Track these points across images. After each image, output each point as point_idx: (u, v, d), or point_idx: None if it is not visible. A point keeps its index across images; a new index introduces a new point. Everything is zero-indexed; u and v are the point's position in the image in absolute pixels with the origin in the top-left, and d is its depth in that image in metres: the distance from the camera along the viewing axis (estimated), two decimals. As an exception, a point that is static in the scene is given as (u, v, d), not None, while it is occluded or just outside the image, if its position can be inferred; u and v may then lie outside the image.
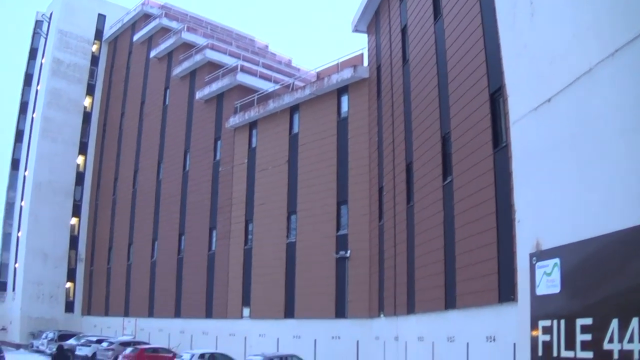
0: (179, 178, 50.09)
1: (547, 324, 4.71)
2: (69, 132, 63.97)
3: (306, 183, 37.00)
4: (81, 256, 64.21)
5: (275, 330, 37.08)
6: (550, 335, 4.62)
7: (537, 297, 4.91)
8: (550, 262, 4.75)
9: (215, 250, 44.69)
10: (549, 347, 4.62)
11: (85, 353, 42.53)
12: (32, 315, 59.44)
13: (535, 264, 4.96)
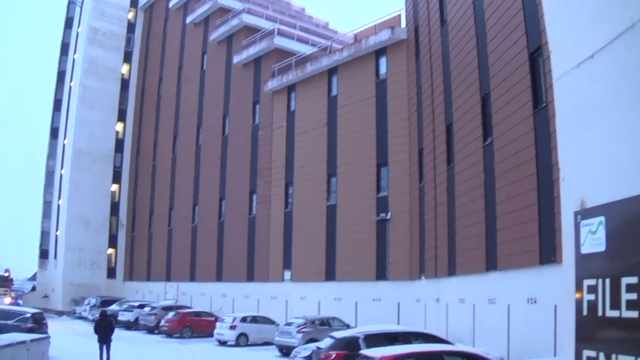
0: (219, 142, 51.04)
1: (592, 283, 4.67)
2: (107, 99, 65.19)
3: (346, 145, 37.57)
4: (122, 222, 65.89)
5: (316, 292, 37.89)
6: (595, 294, 4.60)
7: (581, 255, 4.86)
8: (595, 220, 4.71)
9: (255, 213, 45.64)
10: (594, 306, 4.61)
11: (127, 318, 44.07)
12: (74, 282, 61.12)
13: (580, 223, 4.91)
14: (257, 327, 35.05)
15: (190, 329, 38.64)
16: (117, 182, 66.30)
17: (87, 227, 62.81)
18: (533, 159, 19.65)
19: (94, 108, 63.70)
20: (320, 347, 19.01)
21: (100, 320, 24.52)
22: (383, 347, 15.53)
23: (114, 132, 66.23)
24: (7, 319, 25.15)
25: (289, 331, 29.90)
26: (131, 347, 31.33)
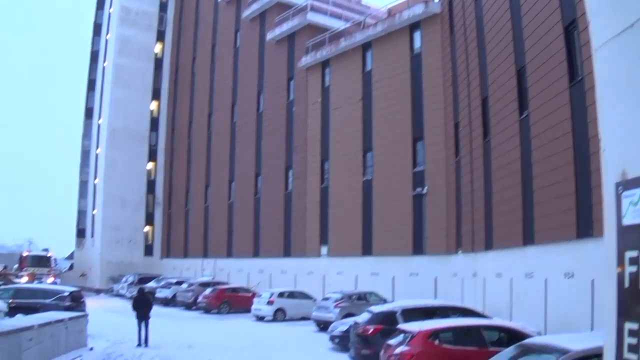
0: (254, 119, 51.82)
1: (634, 255, 4.61)
2: (141, 78, 66.31)
3: (381, 120, 37.90)
4: (158, 200, 67.37)
5: (353, 267, 38.40)
6: (637, 266, 4.55)
7: (623, 227, 4.81)
8: (637, 191, 4.67)
9: (292, 189, 46.47)
10: (636, 279, 4.56)
11: (165, 295, 45.18)
12: (112, 260, 62.78)
13: (622, 194, 4.85)
14: (295, 302, 35.68)
15: (227, 305, 39.43)
16: (152, 160, 67.70)
17: (123, 206, 64.26)
18: (569, 132, 19.81)
19: (128, 87, 64.81)
20: (357, 321, 19.11)
21: (138, 297, 25.08)
22: (420, 322, 15.66)
23: (148, 111, 67.42)
24: (45, 298, 25.69)
25: (326, 306, 30.33)
26: (169, 323, 32.08)
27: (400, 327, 15.60)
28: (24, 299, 25.13)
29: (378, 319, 18.13)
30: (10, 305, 23.46)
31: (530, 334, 14.40)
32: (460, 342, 14.24)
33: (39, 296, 25.95)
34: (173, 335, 26.46)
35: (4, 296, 24.98)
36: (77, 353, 20.35)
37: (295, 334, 28.85)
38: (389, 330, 16.29)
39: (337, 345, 22.68)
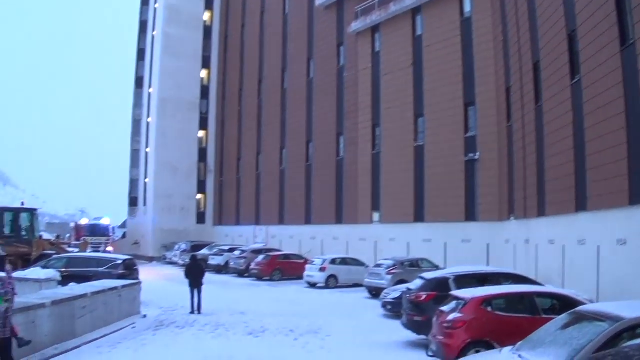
0: (304, 86, 52.50)
1: None
2: (190, 47, 67.22)
3: (432, 85, 38.10)
4: (210, 168, 68.70)
5: (405, 234, 38.83)
6: None
7: None
8: None
9: (343, 156, 47.07)
10: None
11: (218, 262, 46.47)
12: (164, 228, 64.27)
13: None
14: (347, 269, 36.23)
15: (280, 272, 40.36)
16: (203, 129, 68.80)
17: (175, 174, 65.66)
18: (621, 97, 19.73)
19: (178, 56, 65.78)
20: (410, 288, 18.89)
21: (191, 264, 25.66)
22: (473, 288, 15.68)
23: (198, 79, 68.44)
24: (98, 266, 26.19)
25: (379, 273, 30.67)
26: (222, 290, 33.02)
27: (452, 293, 15.51)
28: (77, 268, 25.79)
29: (431, 285, 17.92)
30: (63, 274, 24.02)
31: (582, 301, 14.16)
32: (513, 310, 14.19)
33: (92, 265, 26.62)
34: (226, 302, 27.05)
35: (57, 265, 25.67)
36: (131, 320, 20.98)
37: (347, 301, 29.28)
38: (441, 297, 16.07)
39: (389, 312, 22.89)
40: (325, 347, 16.96)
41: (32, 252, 32.71)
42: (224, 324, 20.94)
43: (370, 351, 16.68)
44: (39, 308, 14.86)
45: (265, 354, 16.00)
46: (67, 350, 15.52)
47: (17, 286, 11.95)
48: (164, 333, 19.20)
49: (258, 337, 18.61)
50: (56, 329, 15.75)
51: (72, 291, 18.41)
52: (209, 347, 16.90)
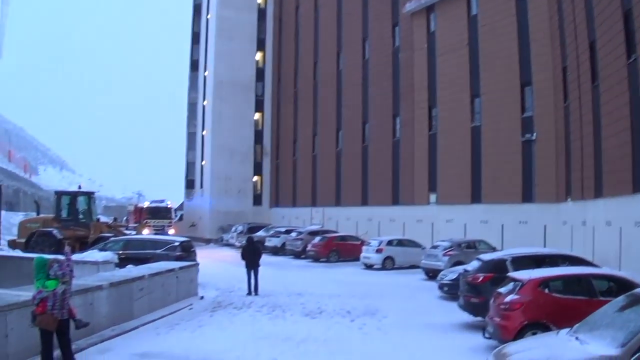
0: (359, 67, 53.06)
1: None
2: (245, 29, 68.51)
3: (488, 65, 38.15)
4: (266, 150, 70.09)
5: (462, 215, 39.16)
6: None
7: None
8: None
9: (399, 137, 47.58)
10: None
11: (274, 244, 47.53)
12: (221, 210, 65.88)
13: None
14: (404, 250, 36.62)
15: (336, 253, 41.06)
16: (259, 111, 70.18)
17: (231, 156, 67.20)
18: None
19: (233, 39, 67.09)
20: (467, 269, 18.89)
21: (247, 246, 26.17)
22: (531, 270, 15.53)
23: (253, 62, 69.67)
24: (156, 248, 26.59)
25: (435, 254, 30.97)
26: (278, 272, 33.78)
27: (510, 275, 15.49)
28: (134, 250, 26.34)
29: (488, 267, 17.91)
30: (121, 257, 24.57)
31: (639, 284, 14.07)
32: (570, 292, 14.21)
33: (149, 247, 27.02)
34: (283, 284, 27.61)
35: (114, 248, 26.24)
36: (188, 302, 21.41)
37: (403, 282, 29.65)
38: (498, 279, 16.08)
39: (446, 293, 23.19)
40: (381, 329, 17.17)
41: (90, 235, 33.65)
42: (280, 305, 21.28)
43: (427, 333, 16.82)
44: (97, 290, 15.37)
45: (322, 335, 16.15)
46: (125, 332, 15.93)
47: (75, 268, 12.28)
48: (221, 314, 19.52)
49: (315, 318, 18.88)
50: (114, 310, 16.22)
51: (130, 273, 19.01)
52: (266, 328, 17.19)
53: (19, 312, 11.71)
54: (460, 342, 15.55)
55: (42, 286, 10.61)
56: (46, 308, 10.51)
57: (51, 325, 10.61)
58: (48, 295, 10.51)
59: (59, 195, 37.12)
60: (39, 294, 10.59)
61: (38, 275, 10.78)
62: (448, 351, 14.48)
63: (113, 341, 14.84)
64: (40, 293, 10.58)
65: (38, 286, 10.70)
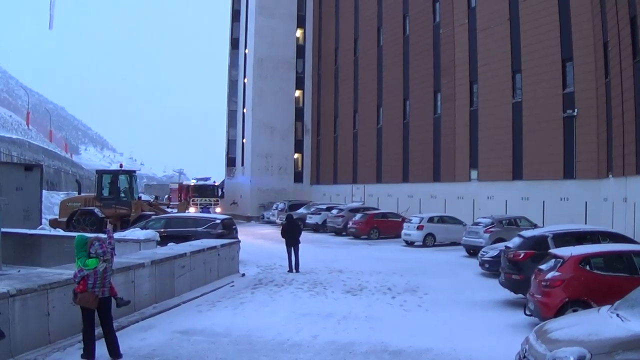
0: (400, 43, 53.46)
1: None
2: (285, 6, 69.26)
3: (529, 41, 38.15)
4: (307, 127, 70.93)
5: (503, 192, 39.54)
6: None
7: None
8: None
9: (440, 113, 47.91)
10: None
11: (315, 221, 48.52)
12: (262, 188, 67.11)
13: None
14: (444, 227, 37.32)
15: (377, 231, 41.86)
16: (300, 88, 70.91)
17: (272, 134, 68.14)
18: None
19: (273, 16, 67.89)
20: (508, 246, 19.05)
21: (288, 223, 26.53)
22: (572, 247, 15.72)
23: (294, 39, 70.31)
24: (197, 226, 27.42)
25: (476, 231, 31.37)
26: (319, 249, 34.67)
27: (551, 252, 15.63)
28: (176, 228, 27.27)
29: (529, 243, 18.08)
30: (162, 235, 25.25)
31: None
32: (611, 269, 14.29)
33: (190, 225, 27.92)
34: (323, 261, 28.21)
35: (155, 226, 26.91)
36: (230, 279, 21.99)
37: (444, 259, 30.12)
38: (540, 255, 16.25)
39: (487, 270, 23.62)
40: (422, 306, 17.62)
41: (131, 213, 34.69)
42: (321, 283, 21.89)
43: (468, 310, 17.17)
44: (139, 268, 15.82)
45: (363, 312, 16.58)
46: (166, 309, 16.39)
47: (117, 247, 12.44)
48: (262, 291, 20.02)
49: (356, 295, 19.38)
50: (155, 288, 16.72)
51: (171, 251, 19.52)
52: (307, 304, 17.65)
53: (60, 291, 12.17)
54: (501, 319, 15.86)
55: (82, 265, 11.03)
56: (87, 286, 10.95)
57: (92, 303, 11.01)
58: (89, 274, 10.93)
59: (100, 174, 38.26)
60: (80, 272, 11.01)
61: (79, 254, 11.21)
62: (489, 328, 14.72)
63: (154, 319, 15.35)
64: (81, 271, 11.00)
65: (79, 264, 11.12)
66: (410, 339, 13.36)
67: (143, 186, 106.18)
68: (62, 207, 36.87)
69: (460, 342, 13.14)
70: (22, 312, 11.18)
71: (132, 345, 12.35)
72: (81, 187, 47.79)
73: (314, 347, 12.77)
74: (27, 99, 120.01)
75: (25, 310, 11.28)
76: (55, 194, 52.59)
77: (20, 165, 40.73)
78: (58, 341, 11.99)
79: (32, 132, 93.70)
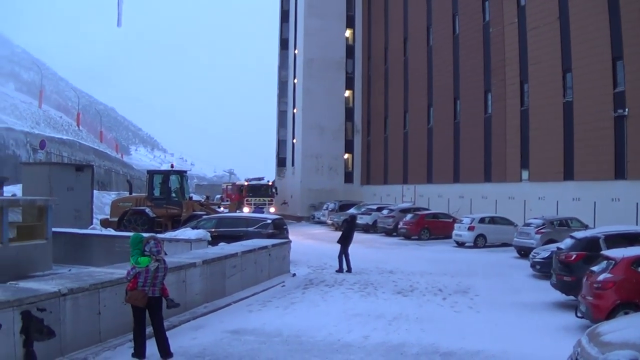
0: (450, 42, 54.07)
1: None
2: (334, 7, 70.22)
3: (579, 39, 38.31)
4: (357, 127, 71.78)
5: (554, 192, 39.57)
6: None
7: None
8: None
9: (491, 113, 48.21)
10: None
11: (365, 222, 49.11)
12: (312, 188, 68.29)
13: None
14: (496, 228, 37.64)
15: (428, 231, 42.42)
16: (349, 88, 71.78)
17: (322, 134, 69.25)
18: None
19: (322, 17, 68.92)
20: (560, 247, 18.96)
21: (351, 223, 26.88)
22: (624, 248, 15.51)
23: (343, 39, 71.31)
24: (248, 226, 27.83)
25: (528, 232, 31.57)
26: (370, 249, 35.21)
27: (603, 253, 15.53)
28: (227, 228, 27.61)
29: (581, 245, 17.96)
30: (213, 235, 25.56)
31: None
32: None
33: (241, 225, 28.32)
34: (374, 262, 28.56)
35: (206, 226, 27.37)
36: (280, 279, 22.31)
37: (495, 261, 30.39)
38: (592, 257, 16.22)
39: (538, 272, 23.69)
40: (473, 307, 17.82)
41: (182, 213, 35.59)
42: (372, 283, 22.19)
43: (519, 311, 17.27)
44: (190, 267, 16.02)
45: (413, 313, 16.71)
46: (217, 309, 16.61)
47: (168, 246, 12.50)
48: (313, 292, 20.25)
49: (407, 296, 19.64)
50: (206, 287, 16.95)
51: (223, 250, 19.81)
52: (358, 305, 17.84)
53: (111, 290, 12.44)
54: (552, 321, 15.96)
55: (134, 262, 11.28)
56: (137, 284, 11.20)
57: (140, 301, 11.23)
58: (140, 272, 11.18)
59: (151, 175, 39.27)
60: (132, 270, 11.28)
61: (133, 252, 11.42)
62: (539, 330, 14.82)
63: (205, 318, 15.67)
64: (133, 269, 11.27)
65: (132, 262, 11.38)
66: (461, 340, 13.56)
67: (194, 186, 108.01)
68: (113, 207, 37.96)
69: (511, 344, 13.30)
70: (73, 311, 11.40)
71: (182, 344, 12.70)
72: (132, 187, 48.96)
73: (365, 347, 12.97)
74: (77, 100, 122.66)
75: (77, 309, 11.51)
76: (106, 194, 54.18)
77: (72, 165, 42.22)
78: (109, 340, 12.27)
79: (83, 133, 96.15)
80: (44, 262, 23.77)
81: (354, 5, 71.66)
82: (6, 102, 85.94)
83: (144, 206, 36.23)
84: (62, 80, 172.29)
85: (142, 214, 35.11)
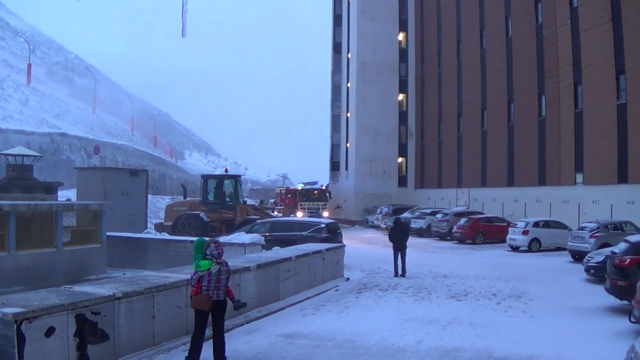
0: (503, 45, 54.60)
1: None
2: (386, 10, 71.32)
3: (631, 41, 38.38)
4: (411, 131, 72.68)
5: (608, 196, 39.69)
6: None
7: None
8: None
9: (545, 115, 48.54)
10: None
11: (420, 225, 49.92)
12: (366, 192, 69.50)
13: None
14: (550, 232, 37.79)
15: (482, 235, 42.82)
16: (403, 92, 72.80)
17: (376, 138, 70.41)
18: None
19: (375, 20, 70.26)
20: (614, 251, 18.68)
21: (395, 227, 26.63)
22: None
23: (396, 42, 72.40)
24: (301, 230, 28.16)
25: (582, 236, 31.64)
26: (424, 253, 35.65)
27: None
28: (280, 232, 28.04)
29: (635, 249, 17.64)
30: (267, 239, 25.91)
31: None
32: None
33: (295, 229, 28.55)
34: (428, 266, 28.69)
35: (260, 230, 27.93)
36: (334, 283, 22.31)
37: (549, 265, 30.54)
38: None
39: (592, 276, 23.29)
40: (527, 312, 17.78)
41: (236, 217, 36.63)
42: (426, 287, 22.24)
43: (573, 316, 17.22)
44: (244, 271, 16.12)
45: (467, 318, 16.76)
46: (271, 313, 16.74)
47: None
48: (366, 296, 20.27)
49: (461, 300, 19.68)
50: (260, 291, 17.07)
51: (277, 255, 19.92)
52: (411, 309, 17.86)
53: (166, 294, 12.65)
54: (606, 326, 15.93)
55: (196, 266, 11.34)
56: (200, 288, 11.23)
57: (205, 305, 11.24)
58: (202, 275, 11.21)
59: (205, 179, 40.38)
60: (195, 274, 11.32)
61: (196, 256, 11.49)
62: (593, 335, 14.79)
63: (259, 322, 15.78)
64: (196, 273, 11.30)
65: (194, 266, 11.45)
66: (514, 345, 13.61)
67: (248, 190, 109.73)
68: (167, 211, 39.47)
69: (565, 349, 13.34)
70: (128, 314, 11.60)
71: (237, 348, 12.84)
72: (186, 191, 50.33)
73: (419, 352, 13.08)
74: (131, 105, 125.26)
75: (131, 312, 11.70)
76: (160, 199, 55.80)
77: (126, 170, 43.43)
78: (162, 343, 12.46)
79: (137, 138, 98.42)
80: (98, 265, 25.03)
81: (407, 9, 72.61)
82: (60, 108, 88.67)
83: (199, 210, 37.16)
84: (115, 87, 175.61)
85: (196, 218, 35.93)
